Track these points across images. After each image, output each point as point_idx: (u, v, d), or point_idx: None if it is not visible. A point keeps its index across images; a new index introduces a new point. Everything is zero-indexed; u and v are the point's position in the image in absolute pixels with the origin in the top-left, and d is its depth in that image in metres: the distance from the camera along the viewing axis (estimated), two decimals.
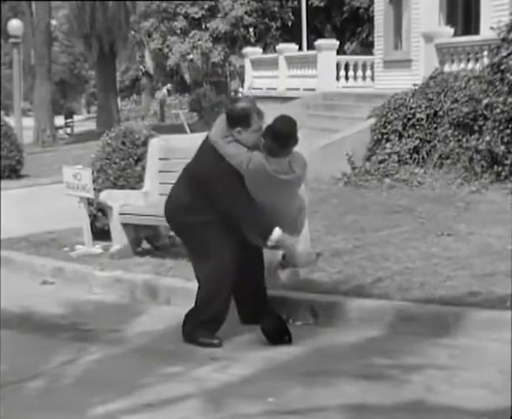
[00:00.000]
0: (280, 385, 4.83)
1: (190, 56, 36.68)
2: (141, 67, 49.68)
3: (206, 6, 36.27)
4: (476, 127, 11.72)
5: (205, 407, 4.58)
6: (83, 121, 46.27)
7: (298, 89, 21.21)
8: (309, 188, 7.78)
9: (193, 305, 5.79)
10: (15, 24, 26.69)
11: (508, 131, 10.94)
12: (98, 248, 8.42)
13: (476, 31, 17.30)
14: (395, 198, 10.75)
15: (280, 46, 24.58)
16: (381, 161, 12.74)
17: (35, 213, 11.64)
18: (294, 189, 5.70)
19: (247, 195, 5.50)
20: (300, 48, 26.35)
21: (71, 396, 4.85)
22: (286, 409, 4.47)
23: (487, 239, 7.89)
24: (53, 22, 36.25)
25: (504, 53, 11.47)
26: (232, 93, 33.89)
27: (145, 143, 8.76)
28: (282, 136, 5.49)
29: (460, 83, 12.74)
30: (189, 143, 8.53)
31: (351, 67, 21.84)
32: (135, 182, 8.70)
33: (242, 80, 31.62)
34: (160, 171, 8.16)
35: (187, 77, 41.75)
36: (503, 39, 11.65)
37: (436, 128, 12.77)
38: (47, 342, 5.98)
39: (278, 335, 5.62)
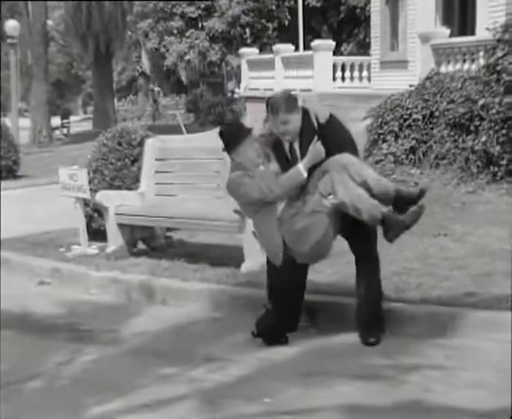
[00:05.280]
0: (277, 385, 4.83)
1: (188, 56, 36.64)
2: (138, 67, 49.59)
3: (203, 5, 36.25)
4: (472, 128, 11.70)
5: (201, 407, 4.58)
6: (79, 122, 46.16)
7: (294, 90, 21.20)
8: None
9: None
10: (11, 25, 26.65)
11: (504, 131, 10.92)
12: (94, 248, 8.41)
13: (472, 32, 17.32)
14: None
15: (277, 47, 24.58)
16: (377, 162, 12.71)
17: (32, 213, 11.64)
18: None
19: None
20: (297, 49, 26.35)
21: (67, 397, 4.85)
22: (282, 410, 4.47)
23: (484, 239, 7.88)
24: (50, 22, 36.06)
25: (500, 54, 11.44)
26: (229, 94, 33.85)
27: (141, 144, 8.75)
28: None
29: (456, 84, 12.72)
30: (185, 144, 8.53)
31: (348, 68, 21.86)
32: (131, 183, 8.69)
33: (239, 81, 31.60)
34: (156, 172, 8.16)
35: (184, 77, 41.68)
36: (499, 40, 11.63)
37: (432, 129, 12.76)
38: (44, 343, 5.98)
39: (274, 336, 5.62)
